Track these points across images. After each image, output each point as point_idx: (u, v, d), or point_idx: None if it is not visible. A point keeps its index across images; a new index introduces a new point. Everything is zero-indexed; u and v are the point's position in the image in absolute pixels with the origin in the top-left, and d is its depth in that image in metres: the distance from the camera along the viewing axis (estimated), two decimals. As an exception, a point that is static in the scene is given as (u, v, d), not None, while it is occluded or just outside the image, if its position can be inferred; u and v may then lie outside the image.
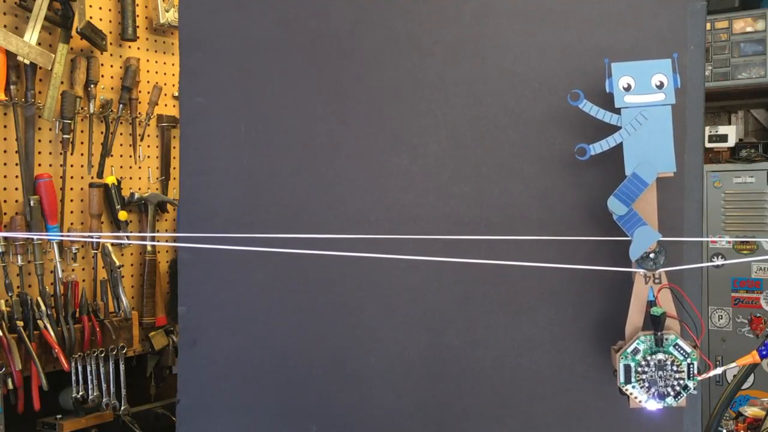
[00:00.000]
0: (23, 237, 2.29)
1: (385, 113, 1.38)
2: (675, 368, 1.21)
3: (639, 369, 1.22)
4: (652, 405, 1.22)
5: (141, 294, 2.65)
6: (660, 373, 1.21)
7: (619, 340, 1.24)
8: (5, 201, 2.30)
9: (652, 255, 1.22)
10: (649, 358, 1.22)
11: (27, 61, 2.29)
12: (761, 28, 2.81)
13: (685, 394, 1.21)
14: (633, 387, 1.22)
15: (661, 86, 1.22)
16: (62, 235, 2.40)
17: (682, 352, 1.21)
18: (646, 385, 1.21)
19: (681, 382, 1.21)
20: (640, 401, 1.22)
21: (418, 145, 1.36)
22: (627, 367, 1.22)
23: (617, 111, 1.22)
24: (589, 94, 1.24)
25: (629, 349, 1.22)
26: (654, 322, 1.22)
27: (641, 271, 1.23)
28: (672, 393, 1.21)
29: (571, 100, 1.24)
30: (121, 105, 2.59)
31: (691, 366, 1.21)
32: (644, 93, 1.23)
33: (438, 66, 1.35)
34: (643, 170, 1.22)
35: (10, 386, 2.16)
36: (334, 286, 1.40)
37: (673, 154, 1.22)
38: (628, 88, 1.23)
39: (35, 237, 2.31)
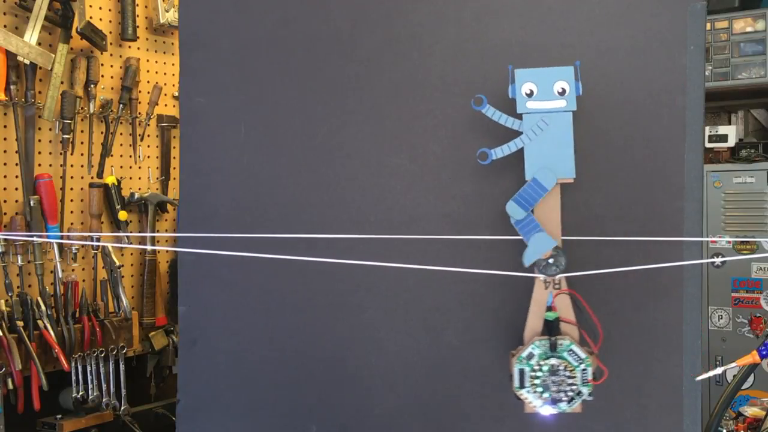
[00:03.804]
0: (23, 237, 2.29)
1: (385, 113, 1.38)
2: (568, 373, 1.22)
3: (532, 374, 1.22)
4: (546, 410, 1.22)
5: (141, 294, 2.65)
6: (553, 378, 1.22)
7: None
8: (5, 201, 2.30)
9: (551, 260, 1.23)
10: (542, 362, 1.23)
11: (27, 61, 2.29)
12: (761, 28, 2.81)
13: (579, 400, 1.22)
14: (527, 391, 1.22)
15: (563, 93, 1.23)
16: (63, 236, 2.40)
17: (576, 357, 1.22)
18: (539, 389, 1.22)
19: (574, 387, 1.22)
20: (534, 406, 1.23)
21: (418, 145, 1.36)
22: (521, 372, 1.23)
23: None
24: (588, 94, 1.24)
25: (524, 354, 1.23)
26: (548, 327, 1.23)
27: (541, 276, 1.23)
28: (565, 398, 1.22)
29: (475, 105, 1.25)
30: (121, 105, 2.59)
31: (585, 372, 1.22)
32: (546, 99, 1.24)
33: (438, 66, 1.35)
34: (542, 176, 1.23)
35: (10, 386, 2.16)
36: (333, 286, 1.40)
37: (573, 160, 1.23)
38: (530, 94, 1.24)
39: (35, 237, 2.31)
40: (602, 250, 1.28)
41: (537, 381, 1.23)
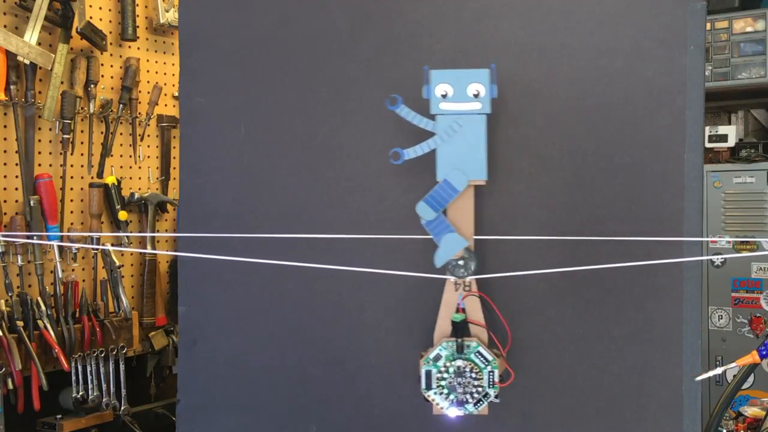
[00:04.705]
0: (23, 237, 2.29)
1: (385, 113, 1.37)
2: (474, 375, 1.23)
3: (438, 375, 1.23)
4: (453, 412, 1.23)
5: (141, 294, 2.65)
6: (459, 380, 1.23)
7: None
8: (5, 201, 2.30)
9: (461, 262, 1.23)
10: (448, 364, 1.23)
11: (27, 61, 2.29)
12: (761, 28, 2.81)
13: (485, 402, 1.23)
14: (434, 393, 1.23)
15: (477, 95, 1.23)
16: (63, 236, 2.40)
17: (482, 359, 1.22)
18: (446, 391, 1.23)
19: (480, 389, 1.22)
20: (441, 407, 1.23)
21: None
22: (428, 373, 1.24)
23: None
24: (588, 93, 1.24)
25: (431, 355, 1.24)
26: (454, 329, 1.23)
27: (451, 278, 1.24)
28: (471, 400, 1.23)
29: (390, 105, 1.26)
30: (121, 105, 2.59)
31: (492, 374, 1.22)
32: (460, 101, 1.24)
33: (438, 66, 1.35)
34: (454, 177, 1.23)
35: (10, 386, 2.16)
36: (333, 285, 1.40)
37: (485, 163, 1.24)
38: (444, 96, 1.23)
39: (35, 238, 2.31)
40: (602, 250, 1.27)
41: (443, 383, 1.23)
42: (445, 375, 1.23)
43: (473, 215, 1.26)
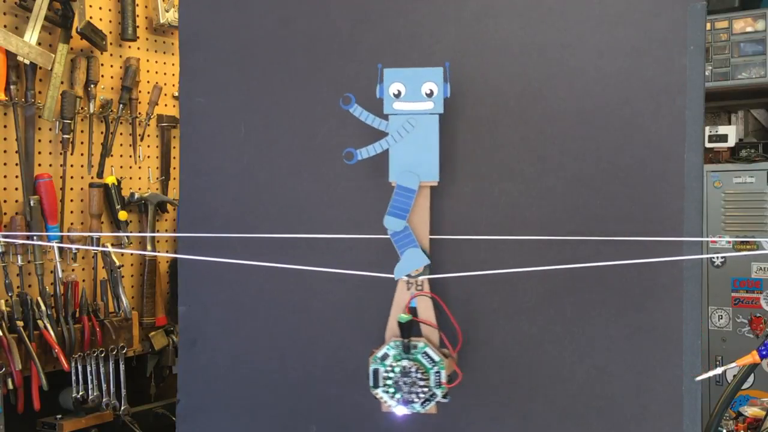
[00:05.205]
0: (23, 238, 2.29)
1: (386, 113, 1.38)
2: (420, 375, 1.24)
3: (385, 374, 1.24)
4: (400, 410, 1.24)
5: (141, 294, 2.65)
6: (405, 379, 1.24)
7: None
8: (5, 201, 2.30)
9: None
10: (395, 364, 1.24)
11: (27, 61, 2.29)
12: (761, 28, 2.81)
13: (433, 402, 1.24)
14: (381, 391, 1.24)
15: (430, 95, 1.23)
16: (63, 236, 2.40)
17: (429, 360, 1.23)
18: (392, 390, 1.24)
19: (427, 389, 1.23)
20: (389, 405, 1.24)
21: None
22: (375, 371, 1.25)
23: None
24: (588, 93, 1.24)
25: (379, 354, 1.25)
26: (401, 329, 1.24)
27: (403, 278, 1.24)
28: (418, 400, 1.24)
29: (343, 104, 1.26)
30: (121, 105, 2.59)
31: (438, 374, 1.23)
32: (413, 100, 1.23)
33: (438, 66, 1.35)
34: (406, 179, 1.23)
35: (10, 386, 2.16)
36: (333, 285, 1.40)
37: (437, 163, 1.24)
38: (398, 95, 1.23)
39: (35, 238, 2.31)
40: (602, 250, 1.27)
41: (389, 381, 1.24)
42: (392, 374, 1.24)
43: (428, 216, 1.26)
